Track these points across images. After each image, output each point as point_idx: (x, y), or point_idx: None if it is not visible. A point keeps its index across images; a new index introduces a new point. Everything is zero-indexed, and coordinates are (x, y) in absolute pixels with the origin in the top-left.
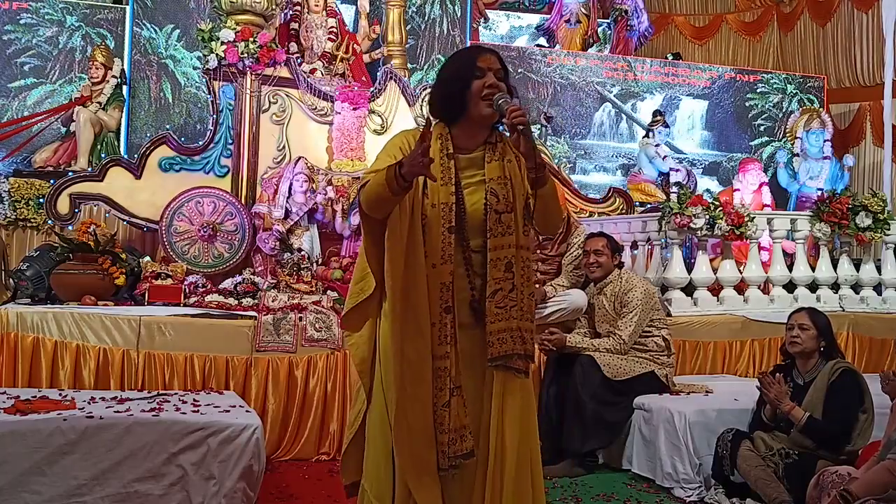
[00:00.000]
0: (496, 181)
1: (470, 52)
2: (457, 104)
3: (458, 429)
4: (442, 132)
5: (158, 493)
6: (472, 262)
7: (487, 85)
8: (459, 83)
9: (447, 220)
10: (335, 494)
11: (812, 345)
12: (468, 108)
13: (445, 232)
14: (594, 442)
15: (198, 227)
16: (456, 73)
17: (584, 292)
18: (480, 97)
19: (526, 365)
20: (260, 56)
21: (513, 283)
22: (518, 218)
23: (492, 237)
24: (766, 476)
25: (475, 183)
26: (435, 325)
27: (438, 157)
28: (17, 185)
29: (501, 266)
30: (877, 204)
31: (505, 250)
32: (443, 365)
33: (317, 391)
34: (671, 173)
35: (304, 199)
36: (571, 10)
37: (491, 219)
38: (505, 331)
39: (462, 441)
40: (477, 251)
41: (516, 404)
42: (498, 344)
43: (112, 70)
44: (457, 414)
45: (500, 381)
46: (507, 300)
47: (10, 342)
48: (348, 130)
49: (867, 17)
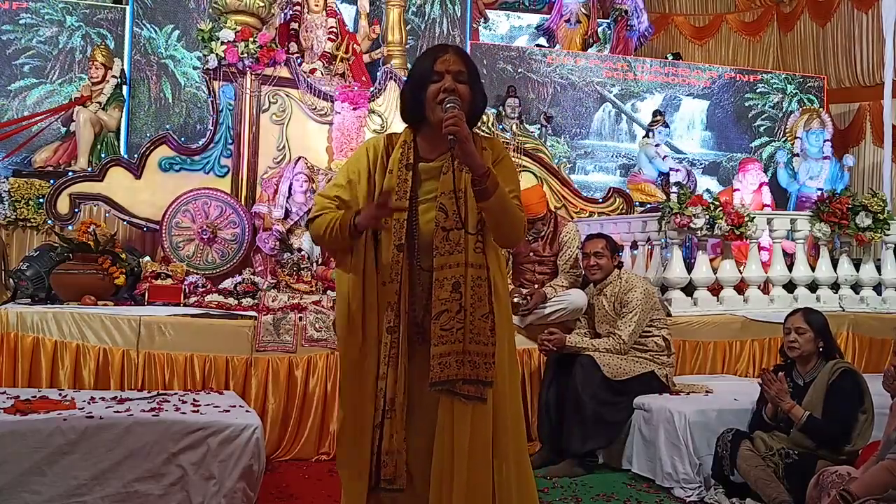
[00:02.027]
0: (446, 196)
1: (429, 53)
2: (416, 110)
3: (389, 452)
4: (406, 139)
5: (158, 493)
6: (422, 281)
7: (443, 90)
8: (417, 88)
9: (397, 237)
10: (335, 494)
11: (810, 347)
12: (425, 114)
13: (395, 250)
14: (594, 442)
15: (198, 227)
16: (415, 76)
17: (584, 292)
18: (436, 102)
19: (477, 391)
20: (260, 56)
21: (460, 304)
22: (468, 235)
23: (437, 255)
24: (766, 476)
25: (430, 199)
26: (380, 344)
27: (397, 169)
28: (17, 185)
29: (448, 286)
30: (877, 204)
31: (452, 269)
32: (380, 385)
33: (317, 391)
34: (671, 173)
35: (304, 199)
36: (571, 10)
37: (437, 236)
38: (449, 354)
39: (394, 467)
40: (426, 270)
41: (464, 434)
42: (439, 368)
43: (112, 70)
44: (389, 437)
45: (447, 408)
46: (453, 322)
47: (10, 342)
48: (348, 130)
49: (867, 17)
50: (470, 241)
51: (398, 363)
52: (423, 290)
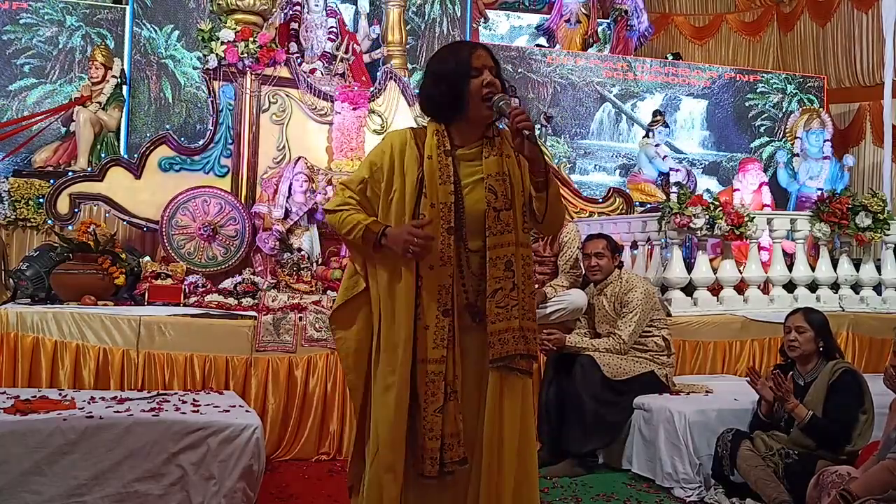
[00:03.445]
0: (494, 177)
1: (462, 50)
2: (454, 105)
3: (452, 434)
4: (438, 129)
5: (158, 493)
6: (470, 264)
7: (485, 84)
8: (457, 84)
9: (446, 221)
10: (335, 494)
11: (810, 347)
12: (466, 109)
13: (444, 233)
14: (594, 442)
15: (199, 225)
16: (452, 73)
17: (584, 292)
18: (480, 98)
19: (529, 365)
20: (260, 56)
21: (513, 282)
22: (517, 215)
23: (490, 235)
24: (765, 476)
25: (473, 181)
26: (429, 329)
27: (437, 155)
28: (17, 185)
29: (501, 265)
30: (877, 204)
31: (504, 248)
32: (438, 369)
33: (317, 391)
34: (671, 173)
35: (303, 199)
36: (571, 10)
37: (489, 217)
38: (507, 331)
39: (457, 447)
40: (475, 251)
41: (516, 405)
42: (499, 345)
43: (112, 70)
44: (452, 419)
45: (500, 382)
46: (507, 299)
47: (10, 342)
48: (348, 130)
49: (867, 17)
50: (518, 221)
51: (455, 345)
52: (472, 271)
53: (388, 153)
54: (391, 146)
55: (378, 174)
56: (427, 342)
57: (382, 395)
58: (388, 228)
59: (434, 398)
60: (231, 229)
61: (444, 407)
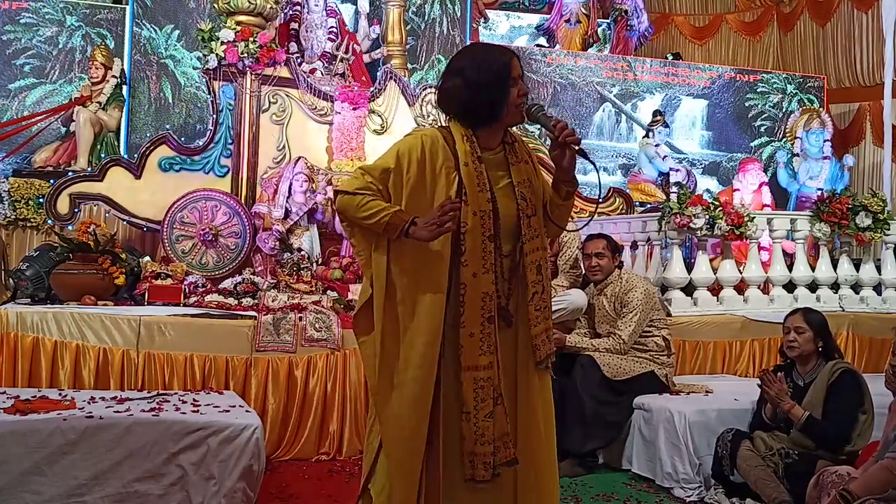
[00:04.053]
0: (523, 185)
1: (500, 57)
2: (491, 112)
3: (501, 437)
4: (466, 133)
5: (158, 493)
6: (504, 269)
7: (521, 94)
8: (498, 92)
9: (487, 229)
10: (335, 494)
11: (809, 347)
12: (501, 116)
13: (486, 241)
14: (594, 442)
15: (200, 230)
16: (494, 80)
17: (584, 292)
18: (515, 106)
19: (553, 364)
20: (260, 56)
21: (543, 286)
22: (541, 220)
23: (526, 241)
24: (765, 476)
25: (502, 187)
26: (475, 336)
27: (471, 161)
28: (17, 185)
29: (534, 269)
30: (877, 204)
31: (536, 253)
32: (486, 375)
33: (317, 391)
34: (671, 173)
35: (303, 199)
36: (571, 10)
37: (524, 223)
38: (545, 332)
39: (507, 448)
40: (507, 256)
41: (548, 402)
42: (542, 346)
43: (112, 70)
44: (501, 422)
45: (539, 381)
46: (542, 302)
47: (10, 342)
48: (348, 130)
49: (867, 17)
50: (541, 226)
51: (497, 350)
52: (504, 276)
53: (418, 149)
54: (422, 143)
55: (405, 166)
56: (474, 349)
57: (393, 392)
58: (416, 218)
59: (484, 404)
60: (231, 232)
61: (493, 411)
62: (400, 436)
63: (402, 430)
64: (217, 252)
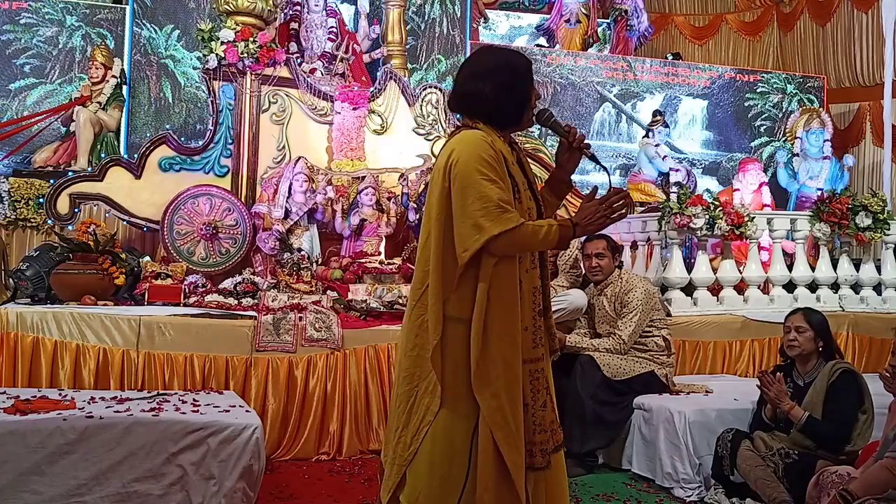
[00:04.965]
0: (535, 184)
1: (524, 62)
2: (517, 115)
3: (552, 423)
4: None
5: (158, 493)
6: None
7: (536, 97)
8: (524, 96)
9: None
10: (335, 494)
11: (810, 346)
12: (524, 119)
13: None
14: (594, 442)
15: (200, 225)
16: (521, 85)
17: (584, 292)
18: (531, 110)
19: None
20: (260, 56)
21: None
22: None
23: None
24: (765, 476)
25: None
26: (528, 329)
27: (514, 163)
28: (17, 185)
29: (547, 264)
30: (877, 204)
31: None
32: (539, 367)
33: (317, 391)
34: (671, 173)
35: (303, 199)
36: (571, 10)
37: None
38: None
39: (557, 433)
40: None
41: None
42: (555, 336)
43: (112, 70)
44: (550, 411)
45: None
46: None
47: (10, 342)
48: (348, 130)
49: (867, 17)
50: None
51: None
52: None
53: (499, 160)
54: (493, 149)
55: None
56: (528, 343)
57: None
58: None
59: (538, 395)
60: (230, 223)
61: (545, 403)
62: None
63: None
64: (222, 243)
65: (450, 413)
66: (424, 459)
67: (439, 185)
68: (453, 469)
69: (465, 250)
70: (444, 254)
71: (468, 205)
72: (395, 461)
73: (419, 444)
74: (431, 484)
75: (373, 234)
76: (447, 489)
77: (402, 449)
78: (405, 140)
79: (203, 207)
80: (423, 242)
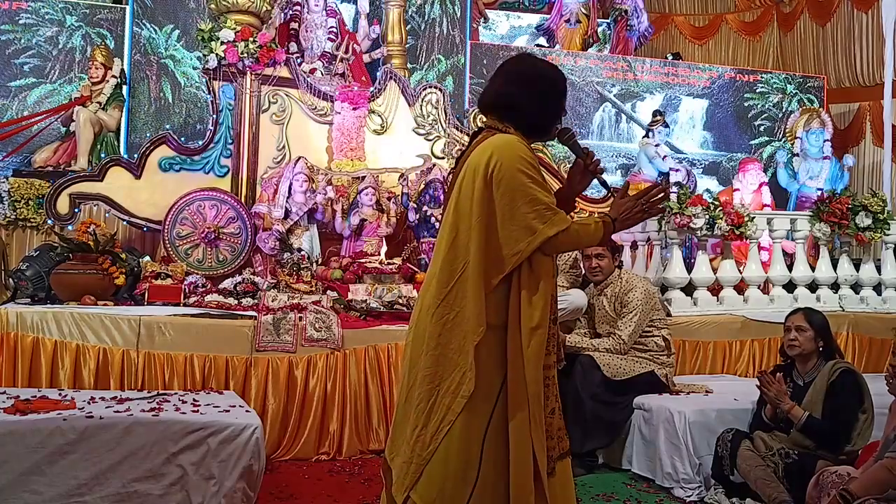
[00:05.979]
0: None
1: (563, 78)
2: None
3: (558, 431)
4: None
5: (158, 493)
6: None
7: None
8: (557, 111)
9: None
10: (335, 494)
11: (810, 346)
12: (548, 133)
13: None
14: (594, 442)
15: (201, 231)
16: (557, 99)
17: (584, 292)
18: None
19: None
20: (260, 56)
21: None
22: None
23: None
24: (765, 476)
25: None
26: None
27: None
28: (17, 185)
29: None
30: (877, 204)
31: None
32: (551, 374)
33: (317, 391)
34: (671, 173)
35: (303, 199)
36: (571, 10)
37: None
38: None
39: (561, 442)
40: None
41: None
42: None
43: (112, 70)
44: (558, 417)
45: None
46: None
47: (10, 342)
48: (348, 130)
49: (867, 17)
50: None
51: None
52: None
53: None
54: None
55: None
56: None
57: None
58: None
59: (549, 402)
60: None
61: (554, 409)
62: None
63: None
64: (225, 247)
65: (468, 414)
66: (441, 458)
67: (479, 188)
68: (468, 470)
69: (517, 253)
70: (485, 256)
71: (517, 208)
72: (412, 460)
73: (438, 444)
74: (445, 484)
75: (373, 234)
76: (459, 489)
77: (421, 448)
78: (405, 140)
79: (209, 212)
80: (450, 241)
